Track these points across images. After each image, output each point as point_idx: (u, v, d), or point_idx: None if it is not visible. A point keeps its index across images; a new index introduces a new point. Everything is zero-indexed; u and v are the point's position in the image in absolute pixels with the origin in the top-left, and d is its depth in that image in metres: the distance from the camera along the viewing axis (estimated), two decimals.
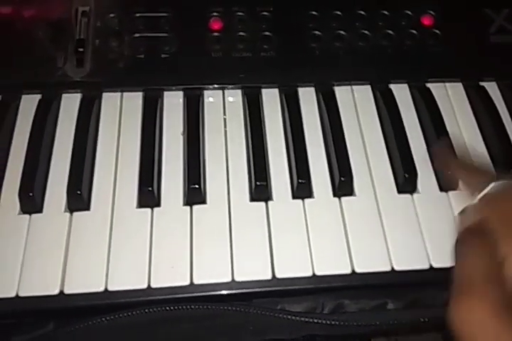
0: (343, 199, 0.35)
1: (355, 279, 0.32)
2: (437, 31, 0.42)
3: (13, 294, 0.30)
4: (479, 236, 0.22)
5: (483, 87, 0.41)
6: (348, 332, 0.33)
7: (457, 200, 0.35)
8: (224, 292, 0.31)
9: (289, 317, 0.30)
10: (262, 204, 0.34)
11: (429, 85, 0.41)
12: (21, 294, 0.30)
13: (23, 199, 0.32)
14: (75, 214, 0.33)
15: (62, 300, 0.30)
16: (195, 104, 0.38)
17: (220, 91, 0.40)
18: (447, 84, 0.41)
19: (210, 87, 0.39)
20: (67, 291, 0.30)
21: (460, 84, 0.41)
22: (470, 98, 0.41)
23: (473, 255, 0.22)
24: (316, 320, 0.30)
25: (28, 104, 0.37)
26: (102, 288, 0.30)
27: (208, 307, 0.31)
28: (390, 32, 0.41)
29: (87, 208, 0.33)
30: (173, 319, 0.31)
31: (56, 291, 0.30)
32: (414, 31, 0.42)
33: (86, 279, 0.30)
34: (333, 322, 0.30)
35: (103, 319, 0.30)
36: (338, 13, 0.42)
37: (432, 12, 0.43)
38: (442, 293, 0.25)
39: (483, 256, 0.21)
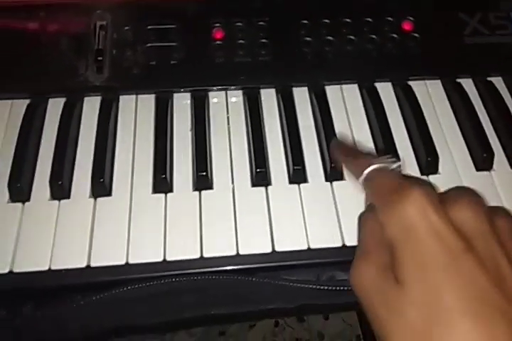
0: (334, 183, 0.39)
1: (345, 252, 0.36)
2: (416, 35, 0.47)
3: (46, 267, 0.34)
4: (373, 210, 0.25)
5: (459, 83, 0.45)
6: (340, 301, 0.36)
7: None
8: (229, 267, 0.35)
9: (286, 283, 0.34)
10: (262, 189, 0.39)
11: (410, 83, 0.45)
12: (53, 267, 0.34)
13: (53, 186, 0.37)
14: (99, 199, 0.37)
15: (89, 272, 0.34)
16: (202, 104, 0.43)
17: (223, 92, 0.44)
18: (427, 81, 0.46)
19: (215, 88, 0.44)
20: (93, 264, 0.34)
21: (439, 81, 0.46)
22: (448, 93, 0.45)
23: (367, 226, 0.26)
24: (310, 286, 0.34)
25: (55, 107, 0.42)
26: (123, 262, 0.34)
27: (212, 277, 0.35)
28: (374, 37, 0.46)
29: (109, 194, 0.37)
30: (183, 289, 0.35)
31: (84, 265, 0.34)
32: (395, 35, 0.46)
33: (109, 254, 0.35)
34: (326, 287, 0.34)
35: (121, 289, 0.34)
36: (327, 21, 0.47)
37: (411, 18, 0.47)
38: None
39: (374, 227, 0.24)
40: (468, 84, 0.45)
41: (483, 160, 0.40)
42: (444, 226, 0.21)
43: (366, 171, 0.27)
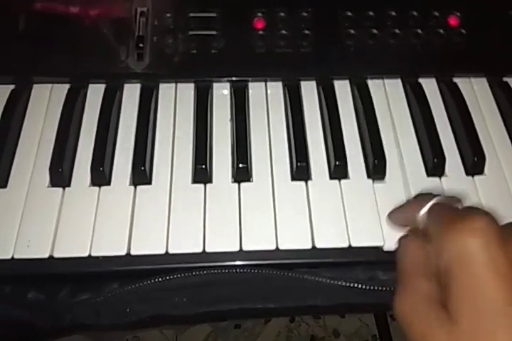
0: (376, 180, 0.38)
1: (384, 254, 0.35)
2: (463, 31, 0.45)
3: (86, 254, 0.34)
4: (420, 238, 0.25)
5: (506, 82, 0.44)
6: (379, 301, 0.36)
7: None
8: (268, 261, 0.35)
9: (324, 280, 0.34)
10: (302, 183, 0.38)
11: (455, 80, 0.44)
12: (93, 254, 0.34)
13: (94, 172, 0.37)
14: (139, 187, 0.37)
15: (128, 260, 0.34)
16: (241, 94, 0.42)
17: (263, 83, 0.44)
18: (472, 79, 0.44)
19: (255, 79, 0.43)
20: (133, 253, 0.34)
21: (484, 79, 0.44)
22: (494, 92, 0.44)
23: (412, 252, 0.25)
24: (352, 284, 0.34)
25: (95, 92, 0.42)
26: (163, 251, 0.34)
27: (250, 271, 0.34)
28: (419, 31, 0.45)
29: (149, 182, 0.37)
30: (219, 282, 0.35)
31: (124, 252, 0.34)
32: (441, 30, 0.45)
33: (149, 242, 0.34)
34: (365, 287, 0.33)
35: (158, 279, 0.34)
36: (371, 13, 0.46)
37: (457, 13, 0.46)
38: None
39: (419, 254, 0.24)
40: None
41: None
42: (504, 262, 0.21)
43: (430, 203, 0.27)
